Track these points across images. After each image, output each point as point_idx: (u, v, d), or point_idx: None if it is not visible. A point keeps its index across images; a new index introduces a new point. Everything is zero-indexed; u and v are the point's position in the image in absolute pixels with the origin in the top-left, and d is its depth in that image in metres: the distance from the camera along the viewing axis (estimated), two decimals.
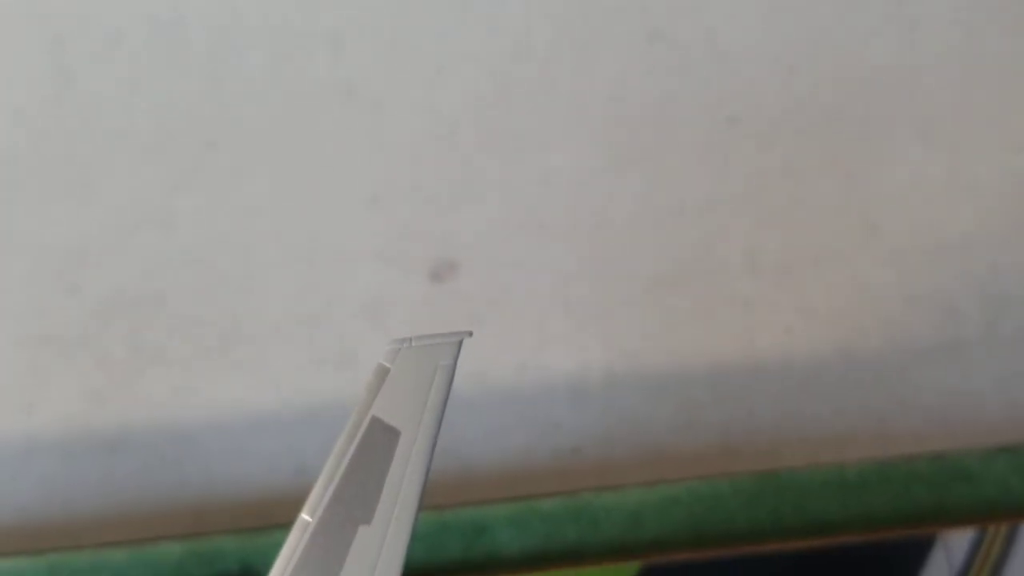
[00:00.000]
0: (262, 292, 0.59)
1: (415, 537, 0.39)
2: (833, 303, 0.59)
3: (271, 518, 0.55)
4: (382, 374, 0.38)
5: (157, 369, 0.58)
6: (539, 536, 0.53)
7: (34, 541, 0.56)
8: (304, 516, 0.38)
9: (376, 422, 0.38)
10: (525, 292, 0.59)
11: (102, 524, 0.56)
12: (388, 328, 0.58)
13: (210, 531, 0.53)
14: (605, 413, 0.58)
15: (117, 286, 0.58)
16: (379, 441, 0.38)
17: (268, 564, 0.50)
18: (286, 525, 0.40)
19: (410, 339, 0.39)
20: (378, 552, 0.37)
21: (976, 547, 0.52)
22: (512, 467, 0.58)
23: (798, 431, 0.58)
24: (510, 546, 0.53)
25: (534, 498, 0.54)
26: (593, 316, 0.59)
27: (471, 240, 0.59)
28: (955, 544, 0.52)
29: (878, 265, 0.60)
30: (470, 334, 0.39)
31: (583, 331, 0.59)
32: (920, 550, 0.52)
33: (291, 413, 0.58)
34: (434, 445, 0.38)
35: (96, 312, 0.58)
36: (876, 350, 0.59)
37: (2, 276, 0.58)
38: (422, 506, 0.38)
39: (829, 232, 0.60)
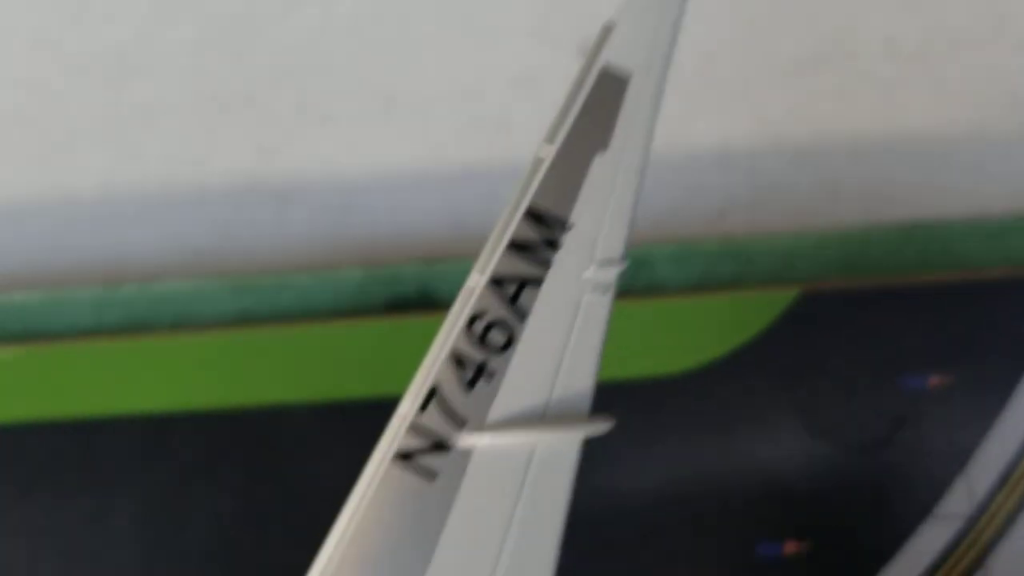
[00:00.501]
0: (421, 62, 0.61)
1: None
2: (968, 85, 0.61)
3: None
4: (608, 29, 0.40)
5: (321, 128, 0.60)
6: (697, 271, 0.55)
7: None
8: (542, 148, 0.40)
9: (607, 68, 0.40)
10: (670, 68, 0.61)
11: (276, 265, 0.59)
12: (539, 99, 0.60)
13: (391, 260, 0.55)
14: (749, 180, 0.60)
15: (281, 53, 0.60)
16: (611, 83, 0.40)
17: (444, 290, 0.53)
18: (464, 257, 0.42)
19: None
20: (614, 176, 0.39)
21: None
22: (662, 226, 0.60)
23: (934, 202, 0.60)
24: (671, 279, 0.55)
25: (691, 240, 0.56)
26: (736, 92, 0.61)
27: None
28: None
29: (1009, 51, 0.61)
30: None
31: (727, 106, 0.61)
32: None
33: (450, 171, 0.60)
34: (664, 83, 0.40)
35: (261, 77, 0.60)
36: (1009, 128, 0.61)
37: (171, 41, 0.60)
38: (653, 140, 0.40)
39: (963, 20, 0.61)
